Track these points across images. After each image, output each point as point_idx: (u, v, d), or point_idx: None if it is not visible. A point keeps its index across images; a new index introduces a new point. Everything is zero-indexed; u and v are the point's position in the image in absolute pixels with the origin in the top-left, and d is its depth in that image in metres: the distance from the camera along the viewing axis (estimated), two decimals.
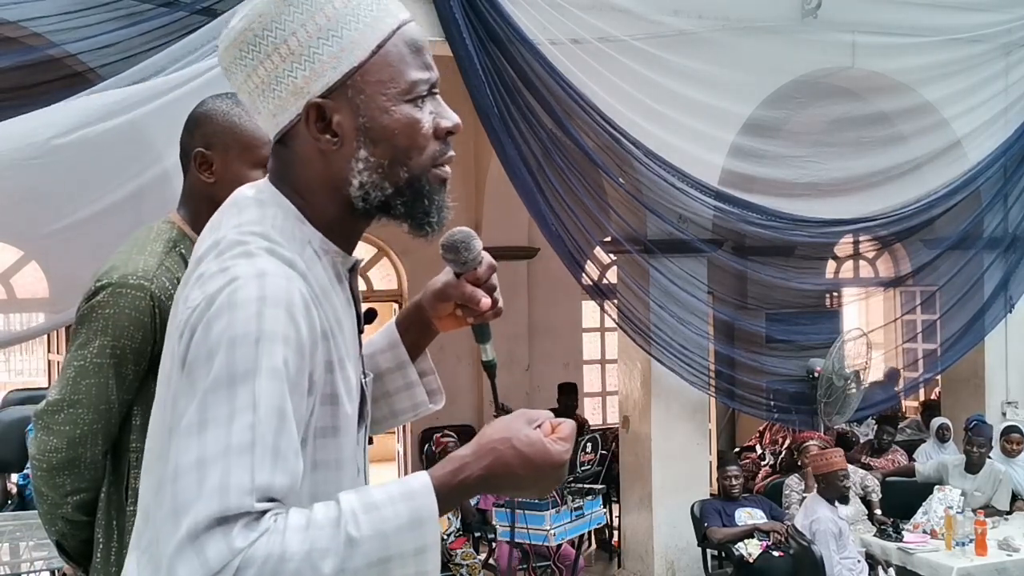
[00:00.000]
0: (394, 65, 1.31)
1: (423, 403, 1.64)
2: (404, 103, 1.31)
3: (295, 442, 1.19)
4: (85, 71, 5.33)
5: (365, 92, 1.29)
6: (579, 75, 6.36)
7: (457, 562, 6.77)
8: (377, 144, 1.30)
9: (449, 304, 1.52)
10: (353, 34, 1.28)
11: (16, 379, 15.66)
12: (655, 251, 6.92)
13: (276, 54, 1.28)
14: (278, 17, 1.28)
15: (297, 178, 1.34)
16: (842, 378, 7.30)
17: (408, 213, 1.36)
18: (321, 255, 1.33)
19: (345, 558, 1.12)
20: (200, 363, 1.18)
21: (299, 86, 1.28)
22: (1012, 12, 7.73)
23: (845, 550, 5.98)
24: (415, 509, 1.18)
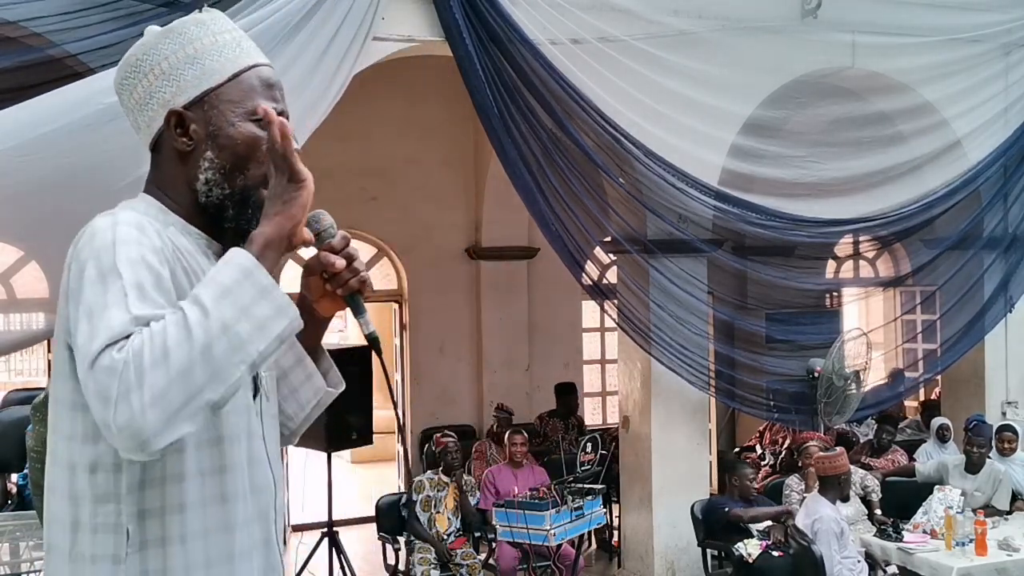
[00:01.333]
0: (244, 91, 1.64)
1: (321, 387, 1.83)
2: (249, 122, 1.63)
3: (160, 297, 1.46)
4: (85, 71, 5.31)
5: (218, 108, 1.62)
6: (579, 75, 6.36)
7: (457, 562, 6.77)
8: (222, 149, 1.62)
9: (317, 279, 1.68)
10: (214, 63, 1.62)
11: (16, 379, 15.66)
12: (655, 251, 6.91)
13: (151, 74, 1.62)
14: (155, 46, 1.63)
15: (162, 176, 1.67)
16: (842, 378, 7.30)
17: (235, 219, 1.65)
18: (185, 235, 1.63)
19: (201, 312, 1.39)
20: (75, 280, 1.47)
21: (166, 99, 1.62)
22: (1012, 12, 7.73)
23: (845, 550, 5.98)
24: (233, 261, 1.46)
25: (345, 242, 1.67)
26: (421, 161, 9.69)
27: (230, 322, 1.39)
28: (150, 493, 1.53)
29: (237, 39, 1.68)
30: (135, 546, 1.52)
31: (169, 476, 1.54)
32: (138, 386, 1.34)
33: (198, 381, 1.37)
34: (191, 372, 1.36)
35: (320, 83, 5.51)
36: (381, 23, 5.88)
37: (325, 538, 6.48)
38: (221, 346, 1.38)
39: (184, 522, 1.55)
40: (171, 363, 1.35)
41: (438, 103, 9.34)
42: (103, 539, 1.52)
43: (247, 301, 1.42)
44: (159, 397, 1.34)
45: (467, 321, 10.11)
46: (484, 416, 9.82)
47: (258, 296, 1.43)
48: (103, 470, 1.52)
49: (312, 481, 7.05)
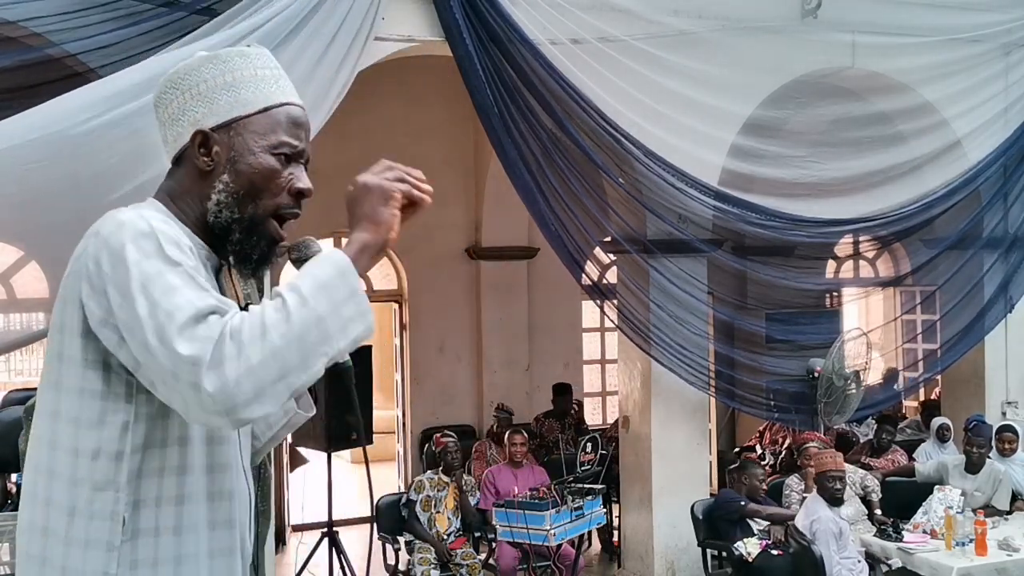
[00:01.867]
0: (271, 125, 1.70)
1: (291, 408, 1.87)
2: (269, 154, 1.70)
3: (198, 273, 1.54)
4: (85, 71, 5.31)
5: (242, 136, 1.69)
6: (579, 75, 6.36)
7: (457, 562, 6.77)
8: (238, 175, 1.68)
9: None
10: (248, 94, 1.70)
11: (16, 379, 15.65)
12: (655, 251, 6.91)
13: (188, 93, 1.70)
14: (198, 68, 1.71)
15: (176, 189, 1.73)
16: (842, 378, 7.30)
17: (239, 243, 1.70)
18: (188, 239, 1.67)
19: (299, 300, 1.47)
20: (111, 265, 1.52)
21: (197, 119, 1.69)
22: (1012, 12, 7.72)
23: (845, 550, 5.98)
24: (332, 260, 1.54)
25: None
26: (421, 161, 9.44)
27: (323, 315, 1.47)
28: (147, 483, 1.58)
29: (276, 76, 1.75)
30: (128, 534, 1.57)
31: (168, 468, 1.60)
32: (236, 356, 1.42)
33: (290, 363, 1.45)
34: (285, 353, 1.44)
35: (322, 83, 5.51)
36: (381, 23, 5.88)
37: (325, 538, 6.48)
38: (313, 335, 1.46)
39: (178, 515, 1.61)
40: (269, 341, 1.44)
41: (438, 103, 9.33)
42: (99, 525, 1.56)
43: (339, 299, 1.50)
44: (254, 370, 1.43)
45: (467, 321, 10.10)
46: (484, 416, 9.82)
47: (348, 296, 1.51)
48: (105, 457, 1.57)
49: (312, 481, 7.05)
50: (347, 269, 1.53)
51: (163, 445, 1.60)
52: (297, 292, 1.48)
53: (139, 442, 1.58)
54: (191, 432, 1.62)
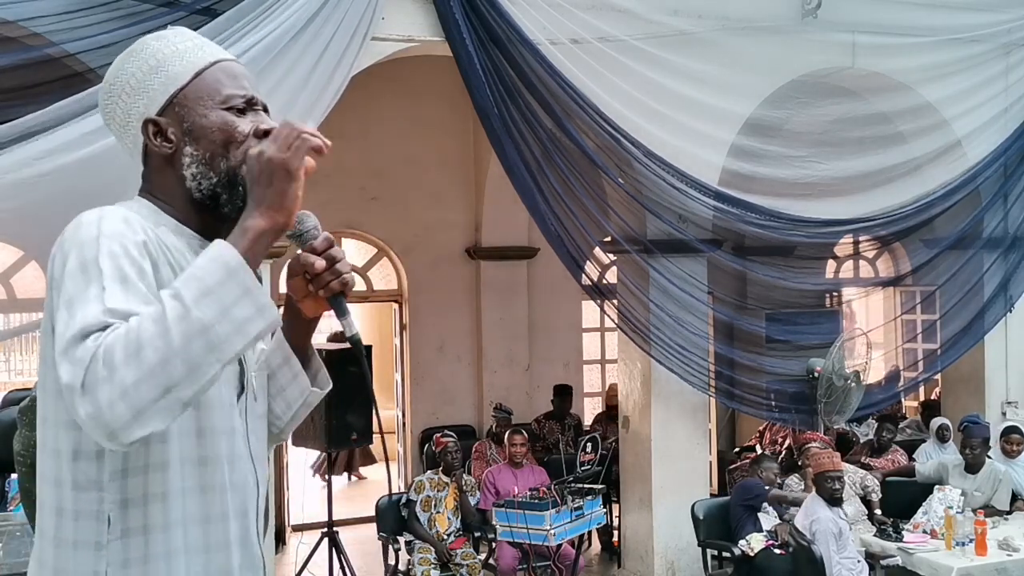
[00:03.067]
0: (210, 84, 1.69)
1: (307, 386, 1.85)
2: (220, 110, 1.68)
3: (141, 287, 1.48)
4: (85, 71, 5.31)
5: (187, 106, 1.67)
6: (579, 75, 6.36)
7: (457, 562, 6.77)
8: (199, 141, 1.66)
9: (300, 280, 1.69)
10: (176, 68, 1.68)
11: (16, 379, 15.66)
12: (655, 251, 6.91)
13: (123, 93, 1.69)
14: (122, 67, 1.70)
15: (153, 184, 1.72)
16: (842, 378, 7.30)
17: (230, 201, 1.66)
18: (176, 235, 1.66)
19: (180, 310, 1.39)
20: (59, 270, 1.50)
21: (141, 113, 1.68)
22: (1012, 12, 7.73)
23: (845, 550, 5.98)
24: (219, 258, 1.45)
25: (327, 243, 1.68)
26: (421, 161, 9.69)
27: (209, 323, 1.39)
28: (132, 481, 1.56)
29: (198, 44, 1.73)
30: (117, 533, 1.55)
31: (152, 465, 1.57)
32: (107, 379, 1.35)
33: (172, 378, 1.37)
34: (165, 369, 1.37)
35: (319, 83, 5.52)
36: (381, 23, 5.88)
37: (325, 538, 6.48)
38: (198, 345, 1.38)
39: (166, 511, 1.58)
40: (144, 358, 1.36)
41: (438, 103, 9.33)
42: (85, 525, 1.55)
43: (228, 302, 1.42)
44: (128, 391, 1.35)
45: (467, 321, 10.10)
46: (484, 416, 9.82)
47: (240, 296, 1.43)
48: (85, 457, 1.55)
49: (312, 481, 7.05)
50: (237, 267, 1.44)
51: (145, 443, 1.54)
52: (179, 300, 1.39)
53: None
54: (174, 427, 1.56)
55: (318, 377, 1.88)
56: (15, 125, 4.82)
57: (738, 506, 6.58)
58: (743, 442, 9.88)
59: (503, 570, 6.68)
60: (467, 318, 10.10)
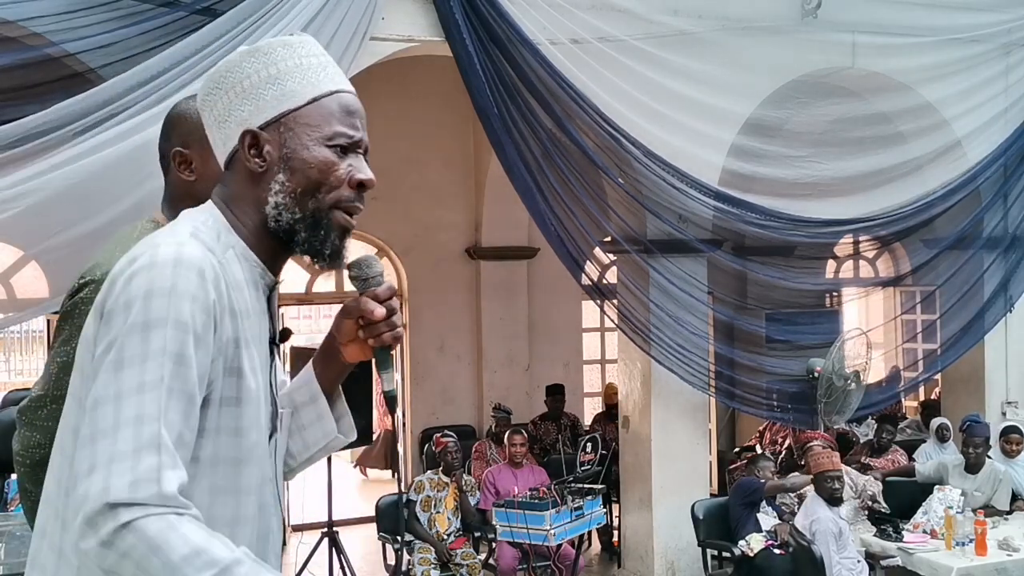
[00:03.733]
0: (323, 116, 1.58)
1: (332, 431, 1.78)
2: (324, 147, 1.58)
3: (195, 400, 1.42)
4: (85, 71, 5.31)
5: (294, 131, 1.57)
6: (579, 75, 6.36)
7: (457, 562, 6.77)
8: (294, 173, 1.57)
9: (351, 323, 1.65)
10: (295, 85, 1.58)
11: (16, 379, 15.66)
12: (655, 251, 6.91)
13: (232, 91, 1.59)
14: (239, 64, 1.59)
15: (231, 194, 1.61)
16: (842, 378, 7.30)
17: (307, 240, 1.59)
18: (241, 260, 1.58)
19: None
20: (119, 311, 1.41)
21: (244, 118, 1.58)
22: (1012, 12, 7.73)
23: (845, 550, 5.98)
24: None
25: (390, 293, 1.64)
26: (421, 161, 9.69)
27: None
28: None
29: (323, 63, 1.62)
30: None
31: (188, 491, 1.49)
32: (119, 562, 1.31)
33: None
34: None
35: None
36: (381, 23, 5.88)
37: (325, 538, 6.48)
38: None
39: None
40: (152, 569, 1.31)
41: (438, 103, 9.33)
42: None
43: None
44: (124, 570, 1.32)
45: (467, 321, 10.10)
46: (484, 416, 9.82)
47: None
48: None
49: (312, 481, 7.05)
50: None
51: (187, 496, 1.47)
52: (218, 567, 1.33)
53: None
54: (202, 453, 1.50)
55: (342, 423, 1.80)
56: (18, 125, 4.82)
57: (737, 506, 6.58)
58: (743, 442, 9.88)
59: (503, 570, 6.68)
60: (467, 318, 10.10)
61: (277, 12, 5.38)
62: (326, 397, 1.76)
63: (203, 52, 5.14)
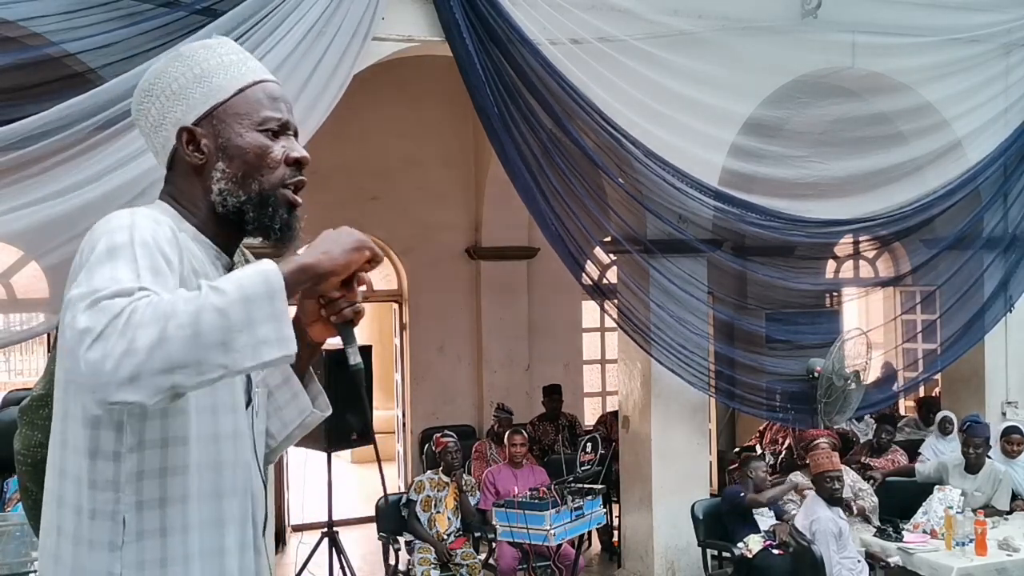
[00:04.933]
0: (251, 104, 1.71)
1: (307, 407, 1.87)
2: (256, 132, 1.70)
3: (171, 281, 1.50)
4: (85, 71, 5.31)
5: (225, 121, 1.70)
6: (579, 75, 6.36)
7: (457, 562, 6.77)
8: (232, 159, 1.69)
9: (313, 303, 1.68)
10: (220, 81, 1.70)
11: (16, 379, 15.66)
12: (655, 251, 6.91)
13: (162, 96, 1.71)
14: (165, 70, 1.72)
15: (177, 190, 1.74)
16: (842, 378, 7.30)
17: (256, 219, 1.70)
18: (194, 242, 1.68)
19: (218, 302, 1.40)
20: (86, 255, 1.50)
21: (177, 118, 1.70)
22: (1012, 12, 7.72)
23: (845, 550, 5.98)
24: (264, 274, 1.45)
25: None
26: (421, 161, 9.69)
27: (235, 328, 1.40)
28: (148, 484, 1.57)
29: (243, 59, 1.75)
30: (132, 535, 1.56)
31: (170, 468, 1.58)
32: (122, 335, 1.36)
33: (178, 360, 1.37)
34: (177, 348, 1.37)
35: (320, 83, 5.52)
36: (381, 23, 5.88)
37: (325, 538, 6.48)
38: (214, 342, 1.38)
39: (184, 513, 1.59)
40: (164, 330, 1.36)
41: (438, 103, 9.33)
42: (100, 525, 1.56)
43: (258, 317, 1.42)
44: (139, 352, 1.36)
45: (467, 321, 10.10)
46: (484, 416, 9.82)
47: (269, 318, 1.43)
48: (102, 457, 1.57)
49: (312, 481, 7.05)
50: (277, 290, 1.45)
51: (163, 445, 1.58)
52: (219, 294, 1.41)
53: (134, 442, 1.57)
54: (192, 431, 1.60)
55: (317, 401, 1.88)
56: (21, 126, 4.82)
57: (726, 514, 6.59)
58: (743, 442, 9.88)
59: (503, 570, 6.68)
60: (467, 318, 10.10)
61: (279, 12, 5.38)
62: (300, 378, 1.85)
63: None
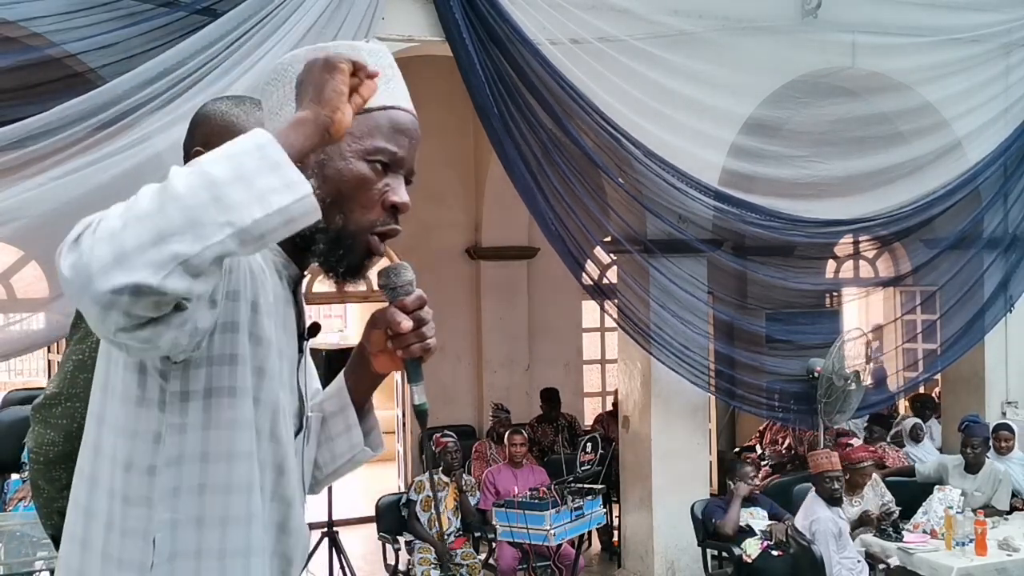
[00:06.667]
0: (369, 128, 1.51)
1: (358, 443, 1.73)
2: (363, 160, 1.51)
3: None
4: (85, 71, 5.31)
5: None
6: (579, 75, 6.36)
7: (457, 562, 6.77)
8: (326, 181, 1.48)
9: (380, 333, 1.59)
10: None
11: (16, 379, 15.67)
12: (655, 251, 6.92)
13: (288, 85, 1.51)
14: (302, 59, 1.48)
15: None
16: (842, 378, 7.30)
17: (324, 253, 1.52)
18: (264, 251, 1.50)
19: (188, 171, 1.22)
20: None
21: (294, 112, 1.44)
22: (1012, 12, 7.73)
23: (845, 550, 5.98)
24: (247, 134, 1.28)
25: (419, 303, 1.59)
26: (421, 161, 9.50)
27: (220, 179, 1.22)
28: (185, 501, 1.43)
29: (387, 77, 1.55)
30: (163, 556, 1.41)
31: (210, 486, 1.43)
32: (94, 232, 1.21)
33: (165, 226, 1.19)
34: (157, 214, 1.20)
35: None
36: (381, 23, 5.88)
37: (325, 538, 6.48)
38: (203, 197, 1.21)
39: (224, 538, 1.44)
40: (134, 208, 1.21)
41: (438, 103, 9.32)
42: (131, 543, 1.42)
43: (250, 169, 1.24)
44: (115, 234, 1.19)
45: (467, 321, 10.10)
46: (484, 416, 9.82)
47: (265, 168, 1.25)
48: (137, 470, 1.42)
49: None
50: (266, 142, 1.26)
51: (203, 460, 1.43)
52: (197, 162, 1.24)
53: (173, 455, 1.42)
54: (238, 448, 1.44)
55: (371, 436, 1.76)
56: (21, 126, 4.82)
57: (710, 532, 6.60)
58: (743, 442, 9.89)
59: (503, 570, 6.68)
60: (467, 318, 10.10)
61: (280, 12, 5.38)
62: (358, 408, 1.72)
63: (205, 53, 5.14)
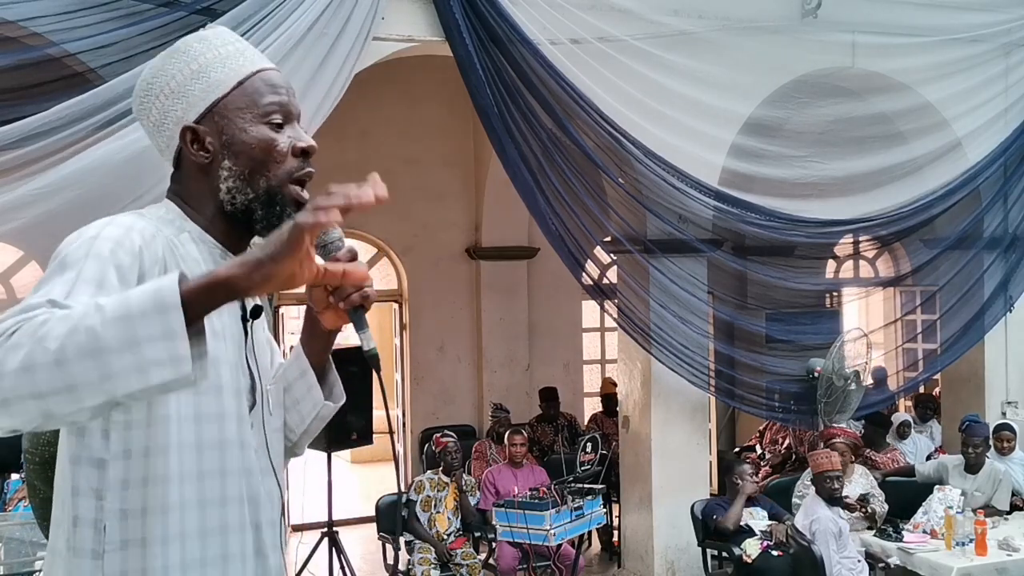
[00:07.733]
0: (251, 96, 1.67)
1: (320, 399, 1.83)
2: (260, 124, 1.66)
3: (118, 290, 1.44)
4: (85, 71, 5.31)
5: (228, 117, 1.65)
6: (579, 75, 6.36)
7: (457, 562, 6.77)
8: (238, 156, 1.65)
9: (321, 291, 1.64)
10: (218, 75, 1.66)
11: None
12: (655, 251, 6.92)
13: (162, 95, 1.67)
14: (163, 67, 1.68)
15: (184, 189, 1.71)
16: (842, 378, 7.30)
17: (265, 218, 1.66)
18: (198, 243, 1.67)
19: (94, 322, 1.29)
20: (49, 265, 1.49)
21: (179, 117, 1.66)
22: (1012, 12, 7.72)
23: (845, 550, 5.98)
24: (157, 290, 1.33)
25: (351, 255, 1.64)
26: (421, 161, 9.69)
27: (109, 348, 1.28)
28: (132, 493, 1.55)
29: (240, 49, 1.70)
30: (115, 544, 1.55)
31: (151, 478, 1.56)
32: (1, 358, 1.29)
33: (44, 387, 1.28)
34: (42, 376, 1.28)
35: (322, 84, 5.53)
36: (381, 23, 5.88)
37: (325, 538, 6.48)
38: (87, 367, 1.28)
39: (165, 524, 1.57)
40: (32, 355, 1.28)
41: (438, 103, 9.34)
42: (83, 533, 1.56)
43: (142, 336, 1.29)
44: (3, 376, 1.28)
45: (467, 321, 10.10)
46: (484, 416, 9.82)
47: (158, 337, 1.29)
48: (85, 464, 1.56)
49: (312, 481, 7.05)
50: (170, 306, 1.30)
51: (146, 455, 1.55)
52: (100, 313, 1.29)
53: (119, 450, 1.55)
54: (173, 440, 1.57)
55: (333, 391, 1.87)
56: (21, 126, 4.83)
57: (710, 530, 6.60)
58: (743, 442, 9.88)
59: (503, 570, 6.68)
60: (467, 318, 10.10)
61: (280, 12, 5.38)
62: (318, 368, 1.82)
63: None
